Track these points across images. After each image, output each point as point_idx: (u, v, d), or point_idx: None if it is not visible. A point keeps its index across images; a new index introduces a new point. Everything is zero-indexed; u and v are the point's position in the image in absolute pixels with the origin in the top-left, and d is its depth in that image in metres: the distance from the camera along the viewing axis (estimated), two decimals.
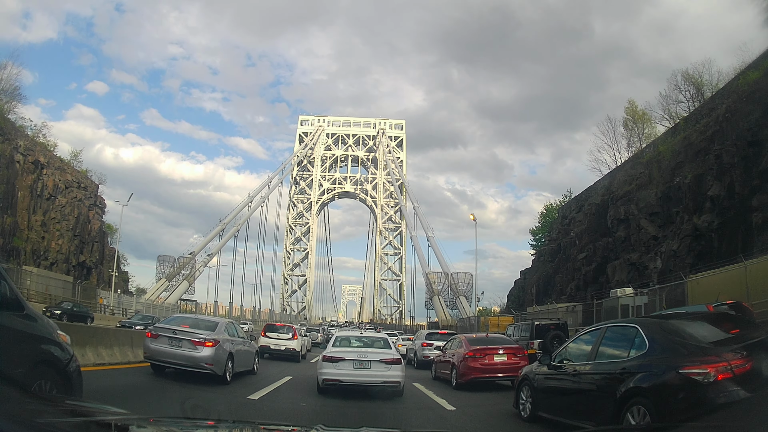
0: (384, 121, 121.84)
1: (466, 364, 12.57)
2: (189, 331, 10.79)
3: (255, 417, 7.67)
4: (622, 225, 33.33)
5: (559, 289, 37.80)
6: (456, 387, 12.69)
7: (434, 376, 15.23)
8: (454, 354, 13.56)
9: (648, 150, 37.68)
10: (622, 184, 36.10)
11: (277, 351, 19.97)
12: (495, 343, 13.35)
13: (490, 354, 12.66)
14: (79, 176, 51.68)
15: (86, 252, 47.70)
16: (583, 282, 35.08)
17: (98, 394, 7.28)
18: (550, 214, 51.36)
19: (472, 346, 12.97)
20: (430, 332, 22.81)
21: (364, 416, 8.68)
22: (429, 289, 57.10)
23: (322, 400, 10.07)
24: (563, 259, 39.69)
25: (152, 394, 9.23)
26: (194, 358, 10.45)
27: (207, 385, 10.33)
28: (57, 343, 4.85)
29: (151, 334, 11.17)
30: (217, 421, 3.53)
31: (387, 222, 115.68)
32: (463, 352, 12.89)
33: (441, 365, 14.70)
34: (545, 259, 42.74)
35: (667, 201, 30.39)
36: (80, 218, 47.54)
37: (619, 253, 32.61)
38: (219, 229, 61.49)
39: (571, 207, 45.13)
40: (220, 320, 12.86)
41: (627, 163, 39.22)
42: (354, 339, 12.51)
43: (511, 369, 12.21)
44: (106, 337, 13.06)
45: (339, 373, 10.38)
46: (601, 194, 39.03)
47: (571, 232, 41.68)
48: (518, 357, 12.87)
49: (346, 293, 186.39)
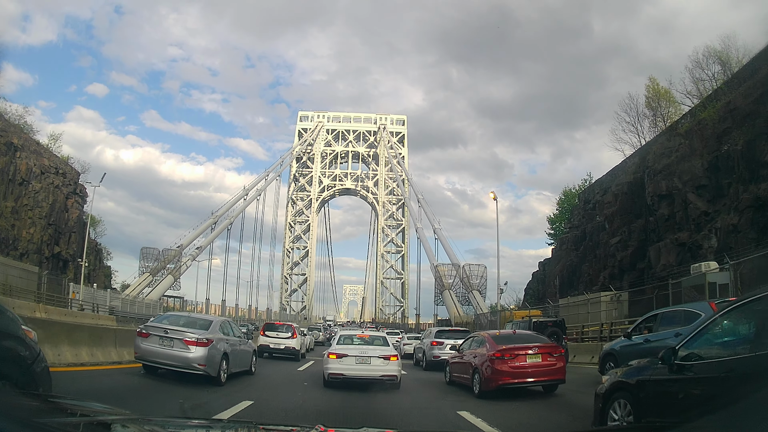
0: (385, 117, 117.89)
1: (492, 367, 10.37)
2: (181, 330, 10.35)
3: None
4: (664, 201, 28.70)
5: (587, 279, 33.08)
6: (479, 395, 10.55)
7: (449, 380, 13.10)
8: (475, 355, 11.39)
9: (684, 120, 33.37)
10: (658, 157, 31.52)
11: (277, 350, 19.61)
12: (526, 342, 11.15)
13: (521, 355, 10.45)
14: (57, 162, 46.97)
15: (62, 243, 42.90)
16: (618, 270, 30.39)
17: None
18: (569, 201, 46.72)
19: (499, 345, 10.81)
20: (440, 329, 20.82)
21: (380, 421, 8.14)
22: (438, 283, 51.46)
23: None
24: (590, 247, 35.01)
25: (128, 395, 8.44)
26: (186, 358, 10.02)
27: (196, 386, 9.76)
28: (20, 339, 4.58)
29: (141, 333, 10.62)
30: (216, 421, 3.79)
31: (389, 219, 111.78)
32: (488, 353, 10.69)
33: (458, 368, 12.52)
34: (568, 248, 38.03)
35: (715, 171, 26.20)
36: (56, 206, 42.77)
37: (663, 234, 27.98)
38: (210, 222, 56.46)
39: (594, 190, 40.46)
40: (214, 318, 12.60)
41: (661, 136, 34.63)
42: (356, 337, 13.16)
43: (546, 372, 10.37)
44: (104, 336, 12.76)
45: (343, 367, 11.04)
46: (632, 172, 34.44)
47: (597, 216, 37.02)
48: (554, 357, 10.60)
49: (348, 293, 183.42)
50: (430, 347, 17.99)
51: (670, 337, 9.94)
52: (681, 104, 37.68)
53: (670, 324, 10.67)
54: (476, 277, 47.63)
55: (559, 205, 48.26)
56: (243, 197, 65.49)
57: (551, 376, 10.35)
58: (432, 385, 12.92)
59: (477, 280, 47.42)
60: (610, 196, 35.01)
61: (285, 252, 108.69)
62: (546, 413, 8.96)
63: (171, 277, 49.94)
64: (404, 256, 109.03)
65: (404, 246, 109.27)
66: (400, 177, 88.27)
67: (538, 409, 9.29)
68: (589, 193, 41.53)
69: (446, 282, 49.96)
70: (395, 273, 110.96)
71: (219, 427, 3.20)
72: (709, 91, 31.98)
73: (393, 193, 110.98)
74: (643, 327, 11.63)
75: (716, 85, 31.98)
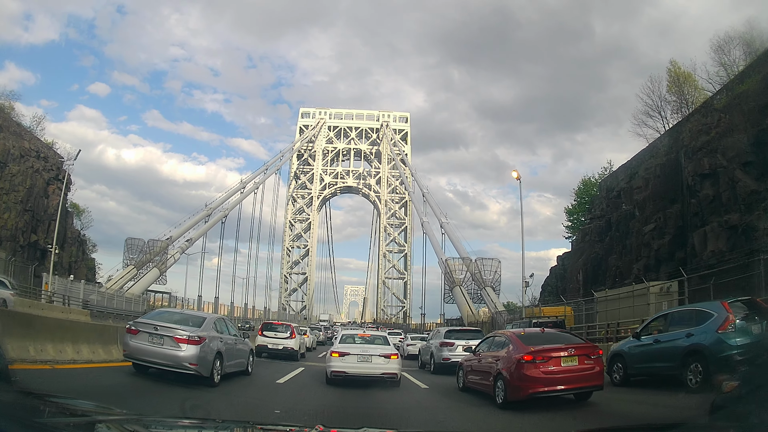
0: (388, 114, 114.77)
1: (521, 372, 8.86)
2: (171, 327, 9.70)
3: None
4: (707, 181, 25.14)
5: (615, 272, 29.43)
6: (502, 405, 9.04)
7: (462, 385, 11.63)
8: (497, 358, 9.92)
9: (720, 95, 30.13)
10: (695, 135, 28.06)
11: (275, 350, 19.11)
12: (559, 342, 9.62)
13: (555, 357, 8.94)
14: (39, 145, 43.53)
15: (40, 232, 39.31)
16: (654, 260, 26.76)
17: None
18: (587, 191, 43.10)
19: (528, 346, 9.27)
20: (450, 329, 19.23)
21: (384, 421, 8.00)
22: (448, 279, 46.88)
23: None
24: (618, 237, 31.38)
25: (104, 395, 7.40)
26: (176, 357, 9.40)
27: (186, 387, 9.28)
28: None
29: (131, 330, 9.94)
30: (215, 421, 3.60)
31: (391, 218, 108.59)
32: (515, 356, 9.25)
33: (474, 372, 11.04)
34: (592, 239, 34.36)
35: (762, 147, 22.92)
36: (34, 191, 39.28)
37: (707, 217, 24.40)
38: (204, 214, 52.71)
39: (617, 177, 36.84)
40: (207, 316, 12.13)
41: (694, 114, 31.24)
42: (357, 336, 13.53)
43: (583, 378, 8.90)
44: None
45: (345, 365, 11.29)
46: (664, 154, 30.90)
47: (623, 204, 33.42)
48: (593, 360, 9.16)
49: (349, 293, 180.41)
50: (439, 349, 16.47)
51: (682, 338, 9.89)
52: (703, 89, 35.41)
53: (680, 324, 10.37)
54: (489, 273, 43.38)
55: (577, 196, 44.55)
56: (240, 190, 61.93)
57: (589, 382, 8.95)
58: (443, 393, 11.51)
59: (490, 275, 43.20)
60: (639, 181, 31.42)
61: (285, 251, 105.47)
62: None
63: (156, 271, 45.62)
64: (407, 255, 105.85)
65: (407, 245, 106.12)
66: (404, 173, 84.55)
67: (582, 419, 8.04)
68: (611, 180, 37.91)
69: (457, 278, 45.83)
70: (397, 273, 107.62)
71: (218, 427, 3.17)
72: (734, 73, 29.82)
73: (395, 191, 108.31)
74: (652, 327, 11.36)
75: (739, 68, 29.93)
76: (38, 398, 2.79)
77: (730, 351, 8.76)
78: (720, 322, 9.26)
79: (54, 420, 2.06)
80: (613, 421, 8.31)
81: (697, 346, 9.40)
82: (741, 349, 8.66)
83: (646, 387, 10.86)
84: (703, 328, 9.51)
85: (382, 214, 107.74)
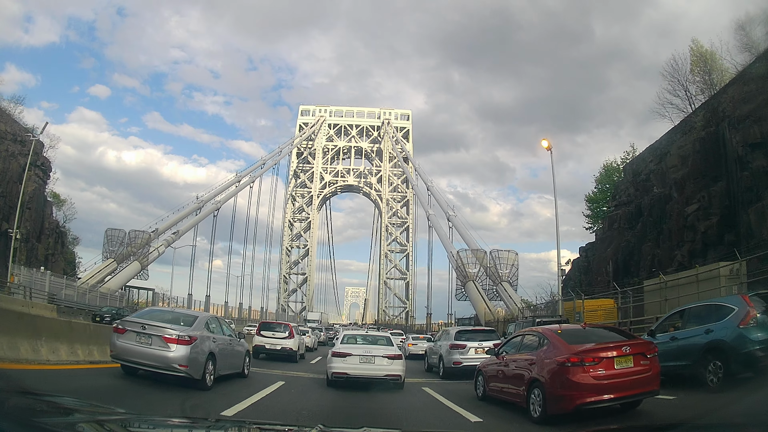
0: (389, 112, 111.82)
1: (565, 378, 7.01)
2: (160, 326, 9.02)
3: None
4: (759, 151, 21.77)
5: (652, 261, 25.89)
6: (542, 419, 7.11)
7: (482, 394, 9.76)
8: (531, 361, 7.97)
9: (759, 63, 26.92)
10: (738, 103, 24.75)
11: (273, 351, 18.57)
12: (606, 339, 7.84)
13: (607, 358, 7.12)
14: (17, 128, 40.12)
15: (12, 220, 35.95)
16: (701, 244, 23.22)
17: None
18: (609, 177, 39.60)
19: (573, 345, 7.42)
20: (461, 330, 17.80)
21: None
22: (460, 273, 41.83)
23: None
24: (652, 222, 27.87)
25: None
26: (165, 358, 8.74)
27: (175, 390, 8.52)
28: None
29: (118, 329, 9.33)
30: (216, 421, 3.59)
31: (393, 217, 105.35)
32: (557, 357, 7.35)
33: (500, 379, 9.08)
34: (620, 227, 30.81)
35: None
36: (7, 175, 35.90)
37: (762, 191, 21.01)
38: (195, 207, 49.08)
39: (645, 159, 33.41)
40: (200, 314, 11.37)
41: (730, 85, 27.98)
42: (360, 337, 13.21)
43: (640, 382, 7.20)
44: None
45: (346, 366, 10.74)
46: (702, 127, 27.48)
47: (654, 187, 29.97)
48: (649, 360, 7.39)
49: (349, 295, 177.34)
50: (449, 351, 15.08)
51: (700, 334, 9.53)
52: (728, 69, 32.61)
53: (698, 320, 9.99)
54: (506, 266, 39.00)
55: (598, 183, 40.91)
56: (235, 183, 58.40)
57: (645, 388, 7.35)
58: (459, 401, 9.60)
59: (507, 269, 38.83)
60: (674, 159, 27.96)
61: (285, 251, 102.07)
62: None
63: (137, 264, 40.87)
64: (409, 255, 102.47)
65: (408, 244, 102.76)
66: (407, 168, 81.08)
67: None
68: (638, 163, 34.41)
69: (470, 272, 40.91)
70: (399, 273, 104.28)
71: (218, 427, 3.13)
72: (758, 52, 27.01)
73: (397, 190, 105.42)
74: (668, 324, 11.04)
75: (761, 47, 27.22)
76: (36, 398, 2.65)
77: (753, 347, 8.34)
78: (741, 316, 8.76)
79: (54, 420, 2.04)
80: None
81: (717, 342, 8.95)
82: (764, 344, 8.28)
83: (663, 387, 9.24)
84: (722, 324, 9.03)
85: (383, 213, 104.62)
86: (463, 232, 46.39)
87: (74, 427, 2.03)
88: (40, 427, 1.78)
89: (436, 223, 52.98)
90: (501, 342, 16.71)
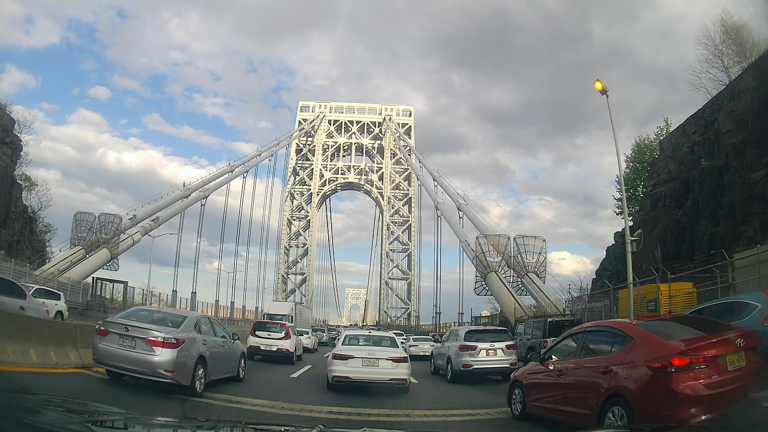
0: (390, 107, 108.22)
1: (666, 388, 5.15)
2: (144, 328, 8.37)
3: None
4: None
5: (712, 241, 21.61)
6: None
7: (521, 412, 7.78)
8: (606, 367, 5.97)
9: None
10: None
11: (268, 352, 17.91)
12: (706, 329, 6.17)
13: (718, 356, 5.31)
14: None
15: None
16: None
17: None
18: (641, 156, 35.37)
19: (671, 341, 5.55)
20: (471, 330, 16.05)
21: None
22: (480, 263, 35.75)
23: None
24: (705, 198, 23.62)
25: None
26: (150, 362, 8.07)
27: (158, 397, 8.04)
28: None
29: (100, 331, 8.61)
30: (215, 422, 3.43)
31: (394, 216, 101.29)
32: (651, 358, 5.39)
33: (551, 392, 7.08)
34: (666, 206, 26.51)
35: None
36: None
37: None
38: (181, 194, 44.63)
39: (686, 129, 29.20)
40: (189, 314, 10.79)
41: None
42: (362, 337, 12.45)
43: (751, 387, 5.41)
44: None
45: (348, 370, 10.35)
46: (753, 89, 23.22)
47: (702, 160, 25.70)
48: (758, 356, 5.69)
49: (350, 296, 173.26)
50: (458, 353, 14.10)
51: None
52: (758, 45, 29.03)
53: (720, 319, 8.17)
54: (532, 254, 33.39)
55: (632, 161, 36.50)
56: (228, 172, 54.12)
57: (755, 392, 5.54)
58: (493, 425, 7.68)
59: (533, 257, 33.31)
60: (728, 124, 23.73)
61: (283, 250, 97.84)
62: None
63: (106, 252, 35.44)
64: (411, 254, 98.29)
65: (411, 243, 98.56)
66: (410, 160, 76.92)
67: None
68: (677, 136, 30.23)
69: (491, 262, 34.96)
70: (401, 273, 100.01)
71: (218, 427, 3.07)
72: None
73: (398, 187, 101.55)
74: None
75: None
76: (39, 398, 2.65)
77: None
78: (764, 313, 8.02)
79: (53, 420, 2.00)
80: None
81: None
82: None
83: None
84: (745, 322, 7.93)
85: (384, 212, 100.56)
86: (475, 220, 41.65)
87: (74, 427, 2.00)
88: (41, 427, 1.75)
89: (444, 211, 48.35)
90: (513, 343, 14.67)
